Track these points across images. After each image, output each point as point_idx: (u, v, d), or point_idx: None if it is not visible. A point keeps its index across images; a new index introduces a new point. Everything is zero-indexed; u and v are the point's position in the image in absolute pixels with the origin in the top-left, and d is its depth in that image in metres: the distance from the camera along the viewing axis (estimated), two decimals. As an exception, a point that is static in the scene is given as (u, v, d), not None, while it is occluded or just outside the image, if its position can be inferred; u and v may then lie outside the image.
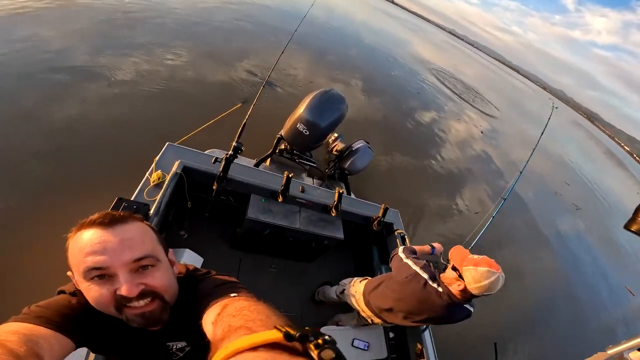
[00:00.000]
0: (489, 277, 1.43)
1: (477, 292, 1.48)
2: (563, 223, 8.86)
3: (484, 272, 1.45)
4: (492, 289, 1.45)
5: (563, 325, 5.26)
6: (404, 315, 1.82)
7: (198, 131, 3.80)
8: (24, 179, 3.07)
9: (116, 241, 0.65)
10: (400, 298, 1.80)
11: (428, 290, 1.68)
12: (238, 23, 10.66)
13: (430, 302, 1.67)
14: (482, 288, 1.45)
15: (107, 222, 0.67)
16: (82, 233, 0.66)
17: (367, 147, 3.78)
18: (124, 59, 5.62)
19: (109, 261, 0.64)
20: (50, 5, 6.58)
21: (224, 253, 2.74)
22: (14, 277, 2.42)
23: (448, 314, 1.67)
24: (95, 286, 0.65)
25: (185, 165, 2.19)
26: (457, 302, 1.60)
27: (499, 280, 1.44)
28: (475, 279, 1.47)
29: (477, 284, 1.46)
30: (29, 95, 4.01)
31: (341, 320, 2.53)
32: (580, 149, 26.12)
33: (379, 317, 2.01)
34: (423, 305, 1.72)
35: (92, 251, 0.63)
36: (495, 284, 1.44)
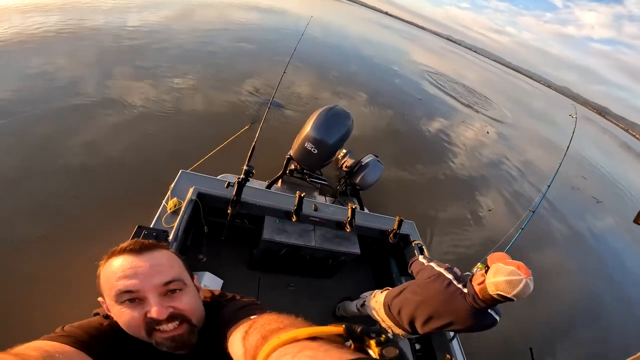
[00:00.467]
0: (510, 275, 1.38)
1: (493, 289, 1.42)
2: (591, 219, 8.68)
3: (508, 269, 1.40)
4: (509, 290, 1.37)
5: (603, 327, 5.04)
6: (426, 318, 1.76)
7: (209, 157, 3.90)
8: (43, 210, 3.18)
9: (146, 266, 0.69)
10: (423, 300, 1.76)
11: (452, 291, 1.64)
12: (239, 45, 11.10)
13: (454, 304, 1.62)
14: (498, 285, 1.40)
15: (137, 249, 0.71)
16: (114, 260, 0.70)
17: (376, 160, 3.81)
18: (133, 86, 5.92)
19: (140, 285, 0.67)
20: (60, 32, 7.19)
21: (242, 274, 2.76)
22: (36, 306, 2.48)
23: (471, 319, 1.59)
24: (127, 309, 0.68)
25: (200, 192, 2.25)
26: (481, 305, 1.53)
27: (520, 283, 1.35)
28: (495, 273, 1.43)
29: (494, 279, 1.42)
30: (42, 124, 4.24)
31: (346, 305, 2.53)
32: (595, 143, 25.68)
33: (400, 327, 1.96)
34: (446, 306, 1.66)
35: (124, 275, 0.67)
36: (514, 285, 1.36)
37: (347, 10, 69.38)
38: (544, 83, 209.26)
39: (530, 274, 1.38)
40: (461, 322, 1.63)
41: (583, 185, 11.18)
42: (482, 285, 1.49)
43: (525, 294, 1.37)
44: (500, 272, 1.41)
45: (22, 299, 2.50)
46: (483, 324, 1.61)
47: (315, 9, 39.52)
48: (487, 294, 1.47)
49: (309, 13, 5.96)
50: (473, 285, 1.56)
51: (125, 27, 9.15)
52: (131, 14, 10.88)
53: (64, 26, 7.75)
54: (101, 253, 0.73)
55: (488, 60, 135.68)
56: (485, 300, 1.50)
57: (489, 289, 1.45)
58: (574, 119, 4.41)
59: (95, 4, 10.73)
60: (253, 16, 18.43)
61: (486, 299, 1.50)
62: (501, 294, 1.40)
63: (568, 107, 25.00)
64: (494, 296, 1.44)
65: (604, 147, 26.74)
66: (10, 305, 2.45)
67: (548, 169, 10.69)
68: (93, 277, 0.73)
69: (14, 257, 2.73)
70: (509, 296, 1.39)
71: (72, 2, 10.09)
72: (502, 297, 1.42)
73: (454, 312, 1.63)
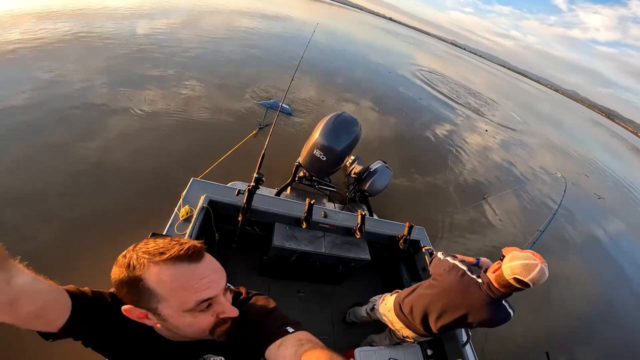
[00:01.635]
0: (527, 259, 1.40)
1: (510, 273, 1.43)
2: (603, 222, 8.56)
3: (524, 255, 1.43)
4: (525, 274, 1.39)
5: (621, 329, 4.96)
6: (440, 312, 1.75)
7: (218, 163, 3.95)
8: (54, 216, 3.23)
9: (213, 272, 0.76)
10: (438, 292, 1.76)
11: (466, 280, 1.65)
12: (247, 52, 11.23)
13: (469, 294, 1.62)
14: (515, 268, 1.41)
15: (196, 255, 0.73)
16: (176, 267, 0.70)
17: (384, 166, 3.81)
18: (142, 94, 6.01)
19: (215, 291, 0.74)
20: (71, 39, 7.40)
21: (253, 281, 2.77)
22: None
23: (486, 311, 1.59)
24: (204, 315, 0.74)
25: (211, 199, 2.28)
26: (496, 294, 1.54)
27: (536, 267, 1.37)
28: (512, 259, 1.45)
29: (511, 263, 1.44)
30: (55, 132, 4.33)
31: (374, 340, 2.49)
32: (604, 147, 25.39)
33: (411, 327, 1.95)
34: (460, 297, 1.66)
35: (203, 285, 0.71)
36: (530, 268, 1.38)
37: (352, 17, 69.94)
38: (550, 86, 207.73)
39: (545, 262, 1.40)
40: (476, 314, 1.63)
41: (585, 184, 11.12)
42: (499, 272, 1.50)
43: (541, 280, 1.39)
44: (517, 258, 1.44)
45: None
46: (497, 317, 1.61)
47: (321, 16, 39.98)
48: (503, 280, 1.48)
49: (315, 20, 6.03)
50: (488, 274, 1.58)
51: (134, 34, 9.35)
52: (140, 21, 11.12)
53: (75, 33, 7.98)
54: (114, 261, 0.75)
55: (493, 64, 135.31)
56: (501, 286, 1.51)
57: (505, 274, 1.46)
58: (563, 180, 4.45)
59: (105, 11, 11.02)
60: (260, 24, 18.67)
61: (502, 286, 1.50)
62: (518, 277, 1.41)
63: (576, 111, 24.32)
64: (510, 281, 1.45)
65: (615, 151, 26.39)
66: None
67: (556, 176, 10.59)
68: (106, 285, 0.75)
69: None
70: (526, 280, 1.39)
71: (82, 9, 10.40)
72: (518, 282, 1.42)
73: (468, 303, 1.63)
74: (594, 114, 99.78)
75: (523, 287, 1.44)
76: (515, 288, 1.46)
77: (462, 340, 2.14)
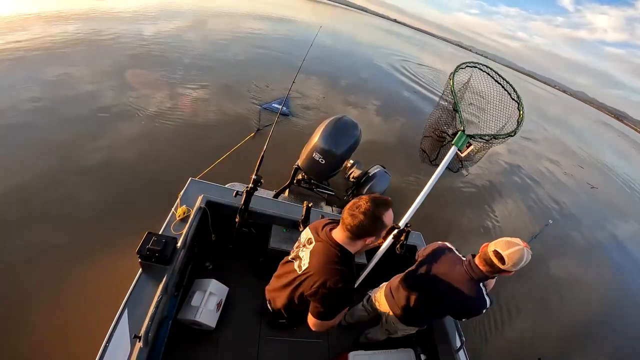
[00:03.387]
0: (511, 239, 1.48)
1: (492, 247, 1.50)
2: (609, 227, 8.63)
3: (509, 239, 1.50)
4: (505, 248, 1.45)
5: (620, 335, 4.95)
6: (427, 286, 1.79)
7: (216, 164, 3.97)
8: (58, 216, 3.29)
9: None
10: (425, 269, 1.82)
11: (451, 256, 1.76)
12: (249, 55, 11.33)
13: (452, 268, 1.69)
14: (497, 244, 1.49)
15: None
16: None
17: (383, 172, 3.82)
18: (144, 94, 6.13)
19: None
20: (78, 41, 7.57)
21: (248, 282, 2.76)
22: (52, 312, 2.56)
23: (464, 290, 1.63)
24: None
25: (209, 200, 2.29)
26: (476, 273, 1.58)
27: (516, 246, 1.43)
28: (496, 241, 1.52)
29: (494, 242, 1.52)
30: (54, 130, 4.46)
31: (370, 333, 2.50)
32: (613, 149, 25.57)
33: (399, 316, 1.98)
34: (445, 270, 1.71)
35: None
36: (510, 245, 1.45)
37: (356, 19, 70.07)
38: (558, 88, 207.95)
39: (529, 249, 1.46)
40: (454, 291, 1.66)
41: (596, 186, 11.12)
42: (483, 250, 1.57)
43: (520, 261, 1.42)
44: (503, 240, 1.51)
45: (37, 306, 2.58)
46: (474, 301, 1.63)
47: (325, 18, 40.09)
48: (484, 254, 1.54)
49: (318, 22, 6.10)
50: (474, 259, 1.63)
51: (140, 36, 9.54)
52: (146, 23, 11.29)
53: (82, 35, 8.13)
54: (111, 258, 0.76)
55: (500, 65, 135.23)
56: (480, 263, 1.56)
57: (488, 249, 1.53)
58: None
59: (112, 13, 11.14)
60: (263, 26, 18.77)
61: (482, 261, 1.56)
62: (497, 250, 1.47)
63: (585, 112, 24.35)
64: (489, 255, 1.50)
65: (623, 153, 26.62)
66: (22, 311, 2.52)
67: (560, 180, 10.61)
68: (102, 284, 0.75)
69: (30, 262, 2.81)
70: (503, 254, 1.44)
71: (90, 12, 10.51)
72: (496, 255, 1.48)
73: (451, 279, 1.68)
74: (603, 115, 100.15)
75: (500, 264, 1.46)
76: (493, 265, 1.49)
77: (455, 345, 2.15)
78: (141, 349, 1.45)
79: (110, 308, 1.60)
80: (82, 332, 2.41)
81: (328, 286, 1.26)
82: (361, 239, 1.31)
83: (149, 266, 1.76)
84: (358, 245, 1.35)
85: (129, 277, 1.71)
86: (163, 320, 1.90)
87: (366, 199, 1.27)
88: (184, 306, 2.18)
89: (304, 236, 1.55)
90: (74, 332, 2.45)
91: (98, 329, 1.58)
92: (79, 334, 2.42)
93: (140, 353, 1.44)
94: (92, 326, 2.22)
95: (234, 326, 2.39)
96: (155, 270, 1.76)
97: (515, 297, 4.50)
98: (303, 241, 1.52)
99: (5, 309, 2.48)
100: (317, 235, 1.44)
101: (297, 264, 1.46)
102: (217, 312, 2.26)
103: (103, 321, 1.59)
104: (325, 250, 1.35)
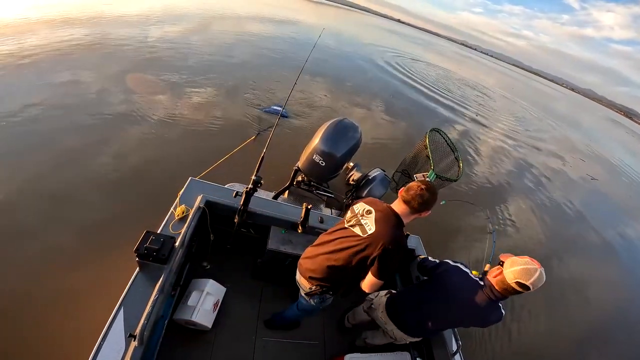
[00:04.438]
0: (527, 265, 1.50)
1: (512, 278, 1.51)
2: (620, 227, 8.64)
3: (523, 260, 1.53)
4: (527, 278, 1.47)
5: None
6: (439, 311, 1.84)
7: (217, 165, 3.98)
8: (57, 216, 3.33)
9: None
10: (438, 292, 1.86)
11: (471, 282, 1.74)
12: (251, 57, 11.44)
13: (473, 295, 1.70)
14: (516, 273, 1.50)
15: None
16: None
17: (383, 175, 3.81)
18: (147, 96, 6.20)
19: None
20: (84, 48, 7.58)
21: (245, 283, 2.76)
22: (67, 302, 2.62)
23: (486, 312, 1.69)
24: None
25: (208, 200, 2.28)
26: (497, 297, 1.64)
27: (536, 272, 1.47)
28: (512, 264, 1.55)
29: (512, 268, 1.53)
30: (70, 135, 4.52)
31: (367, 337, 2.50)
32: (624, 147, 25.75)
33: (403, 329, 2.00)
34: (464, 297, 1.74)
35: None
36: (530, 273, 1.47)
37: (360, 19, 70.30)
38: (566, 86, 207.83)
39: (540, 265, 1.51)
40: (476, 314, 1.73)
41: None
42: (500, 277, 1.59)
43: (540, 283, 1.48)
44: (517, 263, 1.54)
45: (32, 303, 2.59)
46: (494, 318, 1.71)
47: (329, 20, 40.11)
48: (505, 284, 1.57)
49: (322, 24, 6.14)
50: (489, 278, 1.67)
51: (145, 40, 9.68)
52: (150, 27, 11.46)
53: (88, 40, 8.27)
54: (109, 256, 0.76)
55: (506, 64, 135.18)
56: (502, 290, 1.60)
57: (507, 278, 1.55)
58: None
59: (117, 18, 11.26)
60: (266, 28, 18.84)
61: (503, 289, 1.60)
62: (520, 281, 1.49)
63: (593, 110, 24.44)
64: (512, 285, 1.53)
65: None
66: (26, 311, 2.54)
67: (561, 179, 10.61)
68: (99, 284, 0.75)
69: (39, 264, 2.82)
70: (527, 284, 1.48)
71: (96, 16, 10.63)
72: (520, 285, 1.51)
73: (471, 304, 1.71)
74: (612, 113, 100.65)
75: (523, 291, 1.52)
76: (516, 291, 1.55)
77: (452, 349, 2.14)
78: (136, 348, 1.44)
79: (106, 306, 1.60)
80: (77, 330, 2.42)
81: (393, 247, 1.54)
82: (420, 212, 1.59)
83: (146, 265, 1.75)
84: (412, 218, 1.63)
85: (126, 276, 1.71)
86: (159, 320, 1.90)
87: (419, 182, 1.62)
88: (181, 306, 2.18)
89: (359, 207, 1.72)
90: (68, 330, 2.45)
91: (93, 327, 1.57)
92: (74, 332, 2.42)
93: (135, 352, 1.43)
94: (87, 324, 2.22)
95: (230, 327, 2.38)
96: (152, 269, 1.75)
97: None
98: (360, 211, 1.70)
99: (0, 306, 2.49)
100: (375, 206, 1.68)
101: (359, 229, 1.64)
102: (214, 312, 2.26)
103: (98, 319, 1.58)
104: (389, 219, 1.61)
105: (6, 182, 3.54)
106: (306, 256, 1.88)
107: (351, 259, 1.62)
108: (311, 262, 1.80)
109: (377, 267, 1.58)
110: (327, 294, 1.84)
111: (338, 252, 1.67)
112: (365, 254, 1.58)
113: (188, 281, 2.38)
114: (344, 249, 1.65)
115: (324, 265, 1.71)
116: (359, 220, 1.67)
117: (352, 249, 1.62)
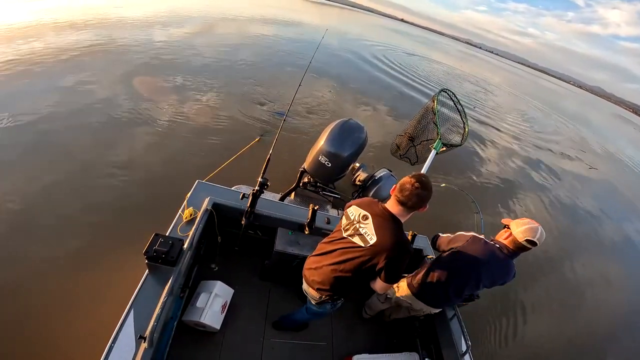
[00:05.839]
0: (530, 224, 1.83)
1: (522, 237, 1.81)
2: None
3: (525, 221, 1.87)
4: (533, 234, 1.79)
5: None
6: (469, 276, 2.00)
7: (223, 167, 4.00)
8: (73, 221, 3.37)
9: None
10: (463, 260, 2.01)
11: (490, 246, 1.98)
12: (256, 59, 11.49)
13: (495, 257, 1.94)
14: (525, 231, 1.81)
15: None
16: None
17: (390, 175, 3.79)
18: (153, 99, 6.27)
19: None
20: (91, 51, 7.74)
21: (254, 285, 2.77)
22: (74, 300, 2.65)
23: (507, 269, 1.97)
24: None
25: (215, 202, 2.30)
26: (510, 254, 1.92)
27: (538, 229, 1.80)
28: (518, 224, 1.87)
29: (520, 228, 1.84)
30: (61, 133, 4.61)
31: (371, 302, 2.70)
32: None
33: (431, 303, 2.19)
34: (488, 260, 1.95)
35: None
36: (534, 230, 1.79)
37: (363, 20, 70.18)
38: (574, 83, 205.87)
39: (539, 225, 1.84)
40: (499, 272, 1.99)
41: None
42: (511, 237, 1.89)
43: (542, 238, 1.81)
44: (521, 224, 1.86)
45: (44, 305, 2.63)
46: (512, 272, 1.99)
47: (332, 20, 40.11)
48: (517, 243, 1.86)
49: (325, 25, 6.15)
50: (500, 240, 1.98)
51: (151, 43, 9.82)
52: (156, 30, 11.63)
53: (95, 43, 8.45)
54: (119, 259, 0.77)
55: (512, 62, 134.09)
56: (515, 248, 1.89)
57: (517, 237, 1.84)
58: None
59: (123, 21, 11.41)
60: (270, 30, 18.91)
61: (516, 247, 1.88)
62: (529, 238, 1.80)
63: (602, 107, 24.29)
64: (522, 242, 1.82)
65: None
66: (32, 312, 2.56)
67: (566, 178, 10.47)
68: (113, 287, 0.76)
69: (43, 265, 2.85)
70: (534, 239, 1.79)
71: (102, 20, 10.78)
72: (528, 242, 1.81)
73: (497, 263, 1.95)
74: (621, 110, 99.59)
75: (531, 247, 1.83)
76: (526, 248, 1.85)
77: (461, 349, 2.12)
78: (146, 350, 1.45)
79: (117, 308, 1.62)
80: (88, 331, 2.44)
81: (399, 254, 1.54)
82: (416, 209, 1.55)
83: (155, 267, 1.77)
84: (409, 216, 1.59)
85: (135, 278, 1.73)
86: (168, 321, 1.91)
87: (411, 178, 1.51)
88: (189, 307, 2.19)
89: (354, 213, 1.68)
90: (80, 333, 2.48)
91: (104, 329, 1.60)
92: (85, 333, 2.45)
93: (145, 354, 1.45)
94: (98, 326, 2.25)
95: (238, 328, 2.39)
96: (161, 271, 1.77)
97: (524, 300, 4.47)
98: (356, 218, 1.65)
99: (14, 307, 2.53)
100: (371, 210, 1.62)
101: (359, 239, 1.61)
102: (222, 313, 2.27)
103: (109, 321, 1.60)
104: (388, 224, 1.56)
105: (18, 184, 3.60)
106: (310, 267, 1.85)
107: (358, 269, 1.62)
108: (317, 273, 1.77)
109: (385, 274, 1.59)
110: (338, 300, 1.86)
111: (343, 263, 1.65)
112: (371, 264, 1.58)
113: (196, 283, 2.39)
114: (348, 260, 1.63)
115: (331, 277, 1.70)
116: (357, 229, 1.63)
117: (357, 259, 1.60)
